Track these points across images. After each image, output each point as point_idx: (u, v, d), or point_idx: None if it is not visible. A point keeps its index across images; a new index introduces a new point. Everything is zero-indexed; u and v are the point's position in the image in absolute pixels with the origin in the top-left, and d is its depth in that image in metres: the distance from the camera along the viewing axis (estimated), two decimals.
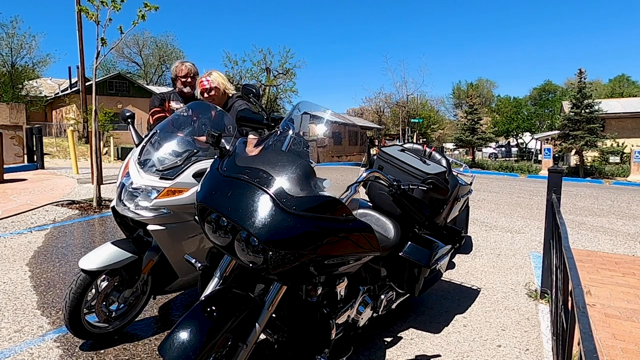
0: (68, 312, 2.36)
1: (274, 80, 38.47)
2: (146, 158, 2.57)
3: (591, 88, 21.75)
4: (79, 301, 2.37)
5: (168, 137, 2.66)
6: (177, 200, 2.45)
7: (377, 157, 2.98)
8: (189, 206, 2.47)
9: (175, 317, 2.99)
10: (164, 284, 2.73)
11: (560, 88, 49.12)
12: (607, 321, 3.03)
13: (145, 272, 2.58)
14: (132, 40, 45.12)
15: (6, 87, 28.38)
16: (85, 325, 2.46)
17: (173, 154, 2.56)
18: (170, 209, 2.44)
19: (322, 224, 1.62)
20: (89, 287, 2.40)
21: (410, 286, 2.61)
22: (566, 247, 2.14)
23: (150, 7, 5.73)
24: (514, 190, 11.86)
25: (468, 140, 25.50)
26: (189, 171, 2.50)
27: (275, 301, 1.78)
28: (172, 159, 2.54)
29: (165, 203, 2.42)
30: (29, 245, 4.62)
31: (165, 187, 2.44)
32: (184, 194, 2.46)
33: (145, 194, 2.44)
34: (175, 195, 2.44)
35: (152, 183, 2.45)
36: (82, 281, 2.38)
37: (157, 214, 2.42)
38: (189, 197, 2.46)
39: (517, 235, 5.93)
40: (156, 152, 2.57)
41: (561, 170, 3.54)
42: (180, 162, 2.52)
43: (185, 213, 2.50)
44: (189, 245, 2.61)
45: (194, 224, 2.55)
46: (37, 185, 8.61)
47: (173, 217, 2.46)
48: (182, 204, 2.46)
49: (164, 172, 2.48)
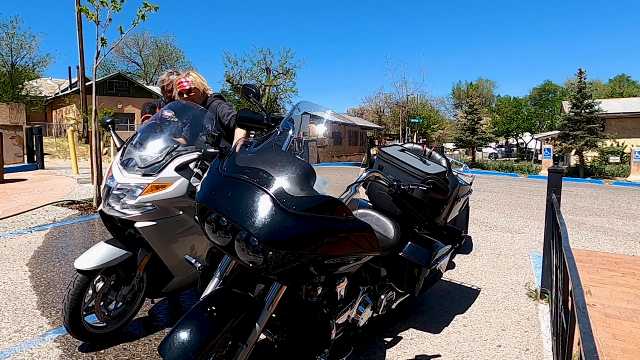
0: (68, 314, 2.36)
1: (274, 80, 38.47)
2: (128, 158, 2.60)
3: (591, 88, 21.74)
4: (78, 302, 2.38)
5: (148, 136, 2.70)
6: (162, 194, 2.48)
7: (377, 157, 2.98)
8: (174, 200, 2.51)
9: (175, 318, 2.99)
10: (160, 284, 2.74)
11: (560, 88, 49.12)
12: (607, 321, 3.03)
13: (140, 268, 2.59)
14: (132, 40, 45.21)
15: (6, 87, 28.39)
16: (85, 326, 2.46)
17: (154, 152, 2.59)
18: (156, 204, 2.47)
19: (322, 224, 1.62)
20: (86, 287, 2.41)
21: (410, 286, 2.61)
22: (566, 247, 2.14)
23: (150, 7, 5.73)
24: (514, 190, 11.86)
25: (468, 140, 25.49)
26: (171, 165, 2.53)
27: (275, 301, 1.77)
28: (153, 156, 2.57)
29: (150, 199, 2.45)
30: (29, 245, 4.62)
31: (148, 183, 2.46)
32: (168, 188, 2.49)
33: (129, 192, 2.47)
34: (159, 190, 2.47)
35: (135, 181, 2.48)
36: (80, 282, 2.38)
37: (143, 211, 2.45)
38: (174, 191, 2.50)
39: (517, 235, 5.93)
40: (137, 152, 2.61)
41: (561, 170, 3.54)
42: (161, 158, 2.55)
43: (171, 207, 2.54)
44: (179, 241, 2.63)
45: (181, 219, 2.59)
46: (37, 185, 8.61)
47: (159, 212, 2.49)
48: (167, 198, 2.49)
49: (146, 169, 2.51)
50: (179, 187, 2.52)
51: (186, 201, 2.58)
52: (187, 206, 2.60)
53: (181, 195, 2.53)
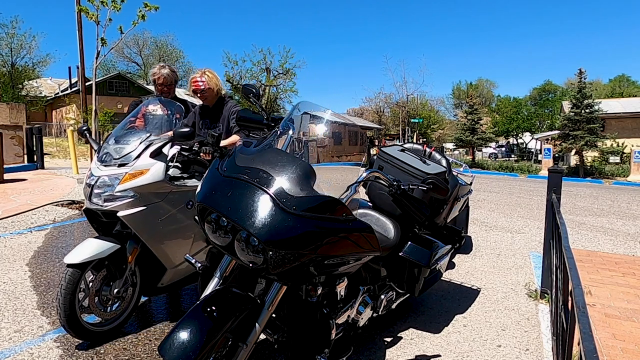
0: (63, 311, 2.38)
1: (274, 80, 38.42)
2: (104, 153, 2.68)
3: (591, 88, 21.75)
4: (72, 298, 2.39)
5: (123, 132, 2.81)
6: (140, 181, 2.55)
7: (377, 157, 2.98)
8: (154, 185, 2.59)
9: (175, 318, 2.99)
10: (154, 279, 2.77)
11: (560, 88, 49.09)
12: (607, 321, 3.03)
13: (131, 260, 2.61)
14: (132, 40, 45.15)
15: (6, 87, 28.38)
16: (82, 324, 2.47)
17: (127, 143, 2.68)
18: (136, 192, 2.54)
19: (322, 224, 1.62)
20: (78, 281, 2.43)
21: (410, 286, 2.61)
22: (566, 247, 2.14)
23: (150, 7, 5.74)
24: (514, 190, 11.86)
25: (468, 140, 25.49)
26: (146, 153, 2.61)
27: (275, 301, 1.77)
28: (128, 147, 2.65)
29: (129, 186, 2.53)
30: (29, 245, 4.62)
31: (125, 172, 2.54)
32: (146, 174, 2.57)
33: (109, 185, 2.53)
34: (137, 178, 2.55)
35: (113, 172, 2.56)
36: (71, 276, 2.40)
37: (124, 201, 2.51)
38: (151, 176, 2.58)
39: (517, 235, 5.93)
40: (113, 146, 2.70)
41: (561, 170, 3.54)
42: (135, 147, 2.64)
43: (151, 194, 2.61)
44: (164, 228, 2.67)
45: (163, 205, 2.67)
46: (37, 185, 8.61)
47: (140, 200, 2.56)
48: (146, 184, 2.56)
49: (121, 159, 2.60)
50: (156, 172, 2.60)
51: (165, 186, 2.66)
52: (167, 192, 2.67)
53: (159, 179, 2.61)
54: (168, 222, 2.69)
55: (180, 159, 2.82)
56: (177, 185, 2.74)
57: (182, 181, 2.81)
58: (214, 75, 3.28)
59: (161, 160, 2.64)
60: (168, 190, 2.68)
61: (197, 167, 2.95)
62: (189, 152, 2.76)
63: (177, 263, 2.78)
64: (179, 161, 2.82)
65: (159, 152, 2.64)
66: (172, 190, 2.70)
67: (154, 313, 3.06)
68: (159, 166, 2.62)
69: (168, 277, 2.80)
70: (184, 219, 2.77)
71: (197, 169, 2.95)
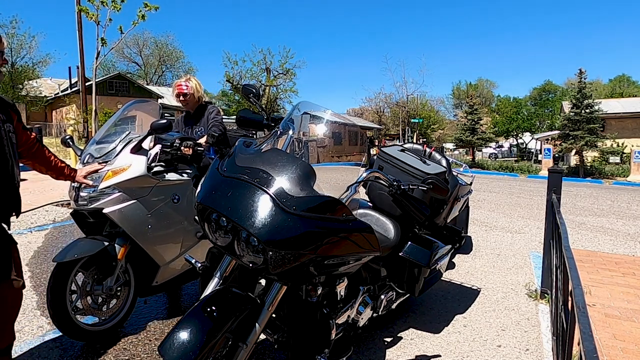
0: (52, 309, 2.39)
1: (274, 80, 38.41)
2: (85, 155, 2.74)
3: (591, 88, 21.74)
4: (61, 297, 2.39)
5: (103, 134, 2.87)
6: (123, 176, 2.58)
7: (377, 157, 2.98)
8: (137, 180, 2.62)
9: (175, 318, 2.99)
10: (148, 278, 2.77)
11: (560, 88, 49.09)
12: (607, 321, 3.03)
13: (121, 257, 2.61)
14: (132, 41, 45.14)
15: (6, 87, 28.34)
16: (77, 324, 2.47)
17: (108, 143, 2.74)
18: (119, 187, 2.56)
19: (322, 224, 1.62)
20: (67, 280, 2.43)
21: (410, 286, 2.61)
22: (566, 247, 2.14)
23: (150, 7, 5.75)
24: (514, 190, 11.85)
25: (468, 140, 25.48)
26: (127, 149, 2.65)
27: (275, 301, 1.77)
28: (109, 146, 2.70)
29: (112, 182, 2.56)
30: (29, 245, 4.61)
31: (108, 169, 2.57)
32: (127, 170, 2.60)
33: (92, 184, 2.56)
34: (119, 174, 2.57)
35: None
36: (59, 273, 2.41)
37: (108, 198, 2.54)
38: (133, 171, 2.60)
39: (517, 235, 5.93)
40: (93, 147, 2.76)
41: (561, 171, 3.54)
42: (115, 145, 2.68)
43: (136, 189, 2.63)
44: (152, 223, 2.68)
45: (149, 200, 2.69)
46: (37, 185, 8.60)
47: (125, 195, 2.58)
48: (129, 179, 2.59)
49: (103, 157, 2.64)
50: (137, 167, 2.63)
51: (150, 180, 2.68)
52: (152, 186, 2.70)
53: (142, 174, 2.63)
54: (155, 217, 2.70)
55: (164, 158, 2.84)
56: (161, 180, 2.75)
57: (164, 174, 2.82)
58: (197, 83, 3.48)
59: (142, 155, 2.67)
60: (152, 185, 2.70)
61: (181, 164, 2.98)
62: (170, 149, 2.81)
63: (169, 259, 2.78)
64: (162, 160, 2.84)
65: (140, 148, 2.66)
66: (157, 185, 2.72)
67: (154, 313, 3.06)
68: (140, 160, 2.64)
69: (162, 275, 2.80)
70: (171, 213, 2.78)
71: (181, 166, 2.98)
